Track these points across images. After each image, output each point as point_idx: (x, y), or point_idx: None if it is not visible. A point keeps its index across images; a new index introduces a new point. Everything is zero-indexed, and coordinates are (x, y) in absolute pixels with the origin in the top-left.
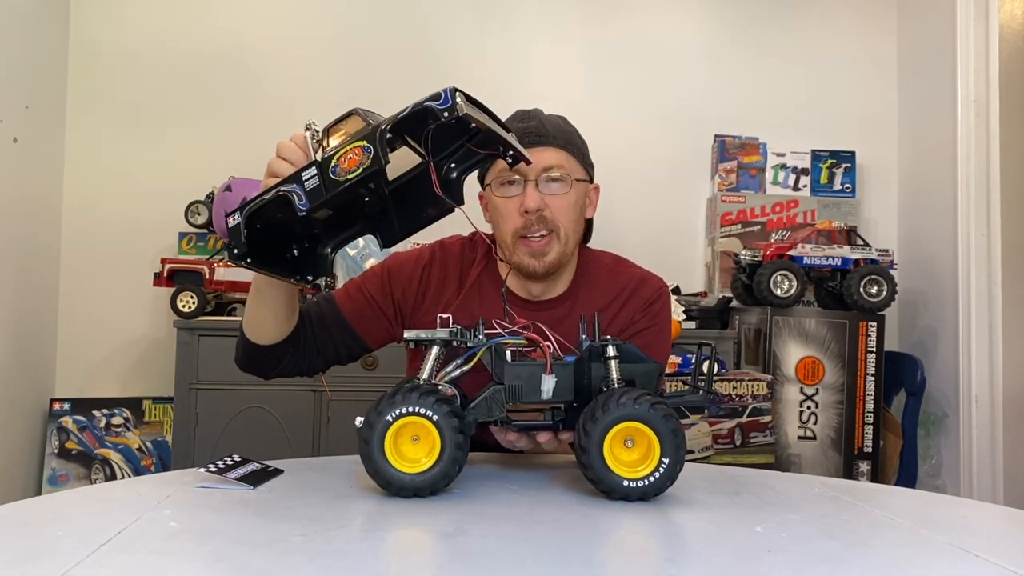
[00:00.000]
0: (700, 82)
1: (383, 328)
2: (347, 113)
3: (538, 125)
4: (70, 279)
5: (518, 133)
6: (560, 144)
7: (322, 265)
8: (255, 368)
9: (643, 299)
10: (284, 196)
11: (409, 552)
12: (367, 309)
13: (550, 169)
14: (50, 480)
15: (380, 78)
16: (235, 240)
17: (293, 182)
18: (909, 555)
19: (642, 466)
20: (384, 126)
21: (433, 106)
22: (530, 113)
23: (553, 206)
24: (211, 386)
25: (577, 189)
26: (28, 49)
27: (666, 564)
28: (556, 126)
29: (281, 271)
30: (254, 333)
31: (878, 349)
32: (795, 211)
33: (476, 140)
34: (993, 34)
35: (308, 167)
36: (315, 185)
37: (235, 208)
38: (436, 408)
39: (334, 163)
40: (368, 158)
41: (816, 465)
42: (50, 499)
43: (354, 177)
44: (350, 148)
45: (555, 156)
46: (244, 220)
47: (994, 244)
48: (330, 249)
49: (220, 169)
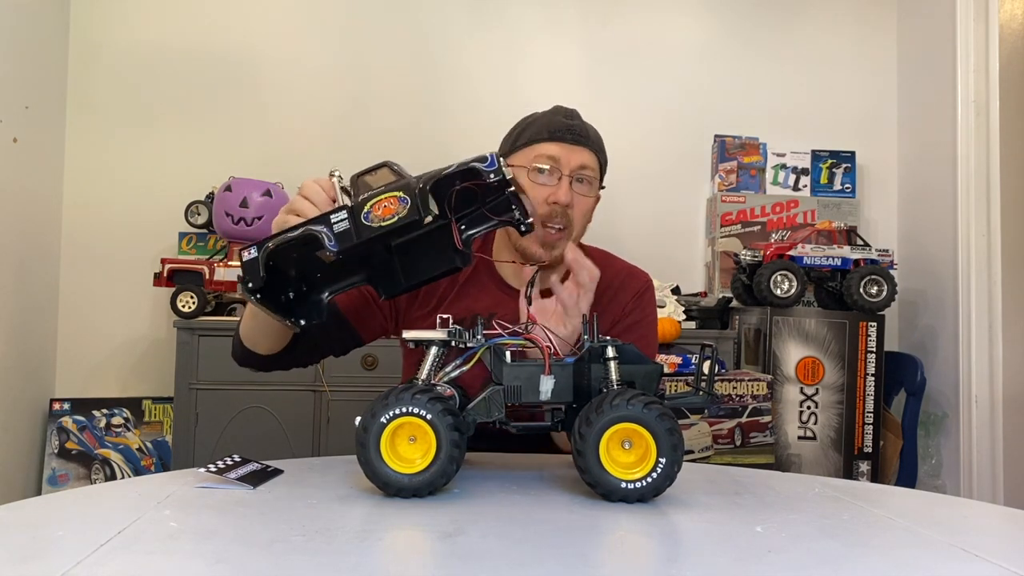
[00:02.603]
0: (700, 82)
1: (378, 323)
2: (379, 164)
3: (581, 125)
4: (70, 279)
5: (562, 128)
6: (595, 149)
7: (316, 310)
8: (252, 367)
9: (633, 291)
10: (311, 235)
11: (409, 552)
12: (363, 304)
13: (584, 168)
14: (50, 480)
15: (380, 78)
16: (250, 273)
17: (320, 223)
18: (909, 555)
19: (639, 467)
20: (425, 183)
21: (480, 167)
22: (572, 112)
23: (576, 205)
24: (211, 386)
25: (595, 195)
26: (28, 49)
27: (666, 564)
28: (594, 132)
29: (278, 311)
30: (251, 345)
31: (878, 349)
32: (795, 211)
33: (490, 205)
34: (993, 34)
35: (338, 210)
36: (345, 228)
37: (251, 243)
38: (430, 407)
39: (367, 209)
40: (405, 208)
41: (816, 465)
42: (50, 499)
43: (388, 225)
44: (386, 197)
45: (590, 158)
46: (264, 255)
47: (994, 244)
48: (326, 295)
49: (220, 169)
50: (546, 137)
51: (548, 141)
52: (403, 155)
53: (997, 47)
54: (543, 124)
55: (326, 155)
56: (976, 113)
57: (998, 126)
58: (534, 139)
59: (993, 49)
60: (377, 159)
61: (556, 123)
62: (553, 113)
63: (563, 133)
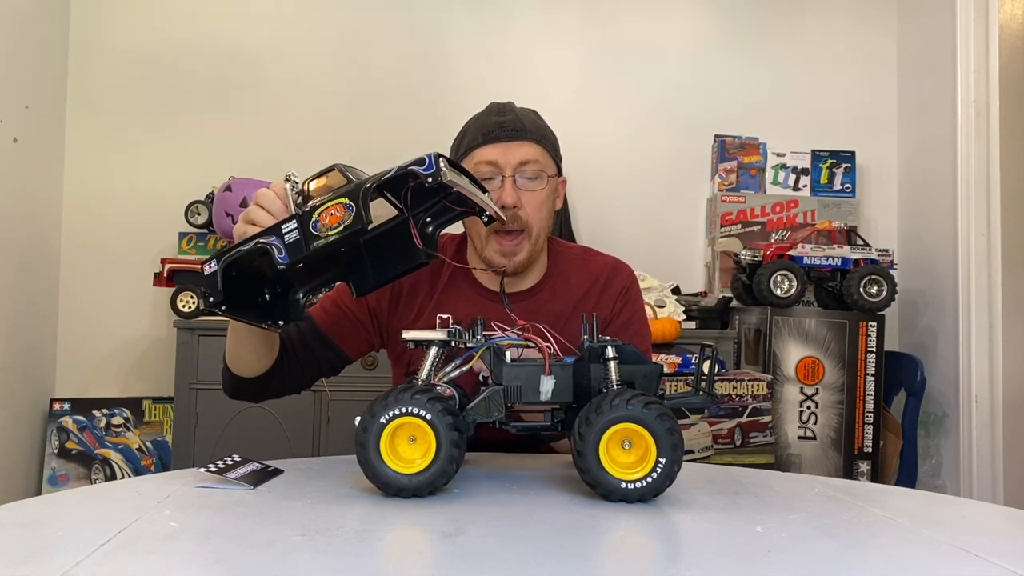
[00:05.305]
0: (700, 82)
1: (361, 338)
2: (328, 168)
3: (514, 119)
4: (70, 279)
5: (494, 126)
6: (535, 138)
7: (293, 309)
8: (244, 396)
9: (619, 287)
10: (262, 247)
11: (408, 552)
12: (344, 321)
13: (526, 164)
14: (50, 480)
15: (379, 78)
16: (210, 288)
17: (272, 234)
18: (909, 555)
19: (639, 467)
20: (369, 185)
21: (417, 170)
22: (505, 107)
23: (527, 203)
24: (211, 386)
25: (550, 184)
26: (28, 49)
27: (666, 564)
28: (531, 120)
29: (253, 316)
30: (237, 368)
31: (878, 349)
32: (795, 211)
33: (452, 197)
34: (993, 34)
35: (288, 220)
36: (295, 239)
37: (210, 257)
38: (430, 407)
39: (315, 218)
40: (350, 216)
41: (816, 465)
42: (50, 499)
43: (335, 235)
44: (332, 204)
45: (530, 151)
46: (221, 269)
47: (994, 244)
48: (302, 294)
49: (220, 169)
50: (481, 141)
51: (483, 145)
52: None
53: (997, 47)
54: (477, 128)
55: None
56: (976, 113)
57: (998, 126)
58: (471, 146)
59: (993, 49)
60: (377, 159)
61: (488, 124)
62: (486, 114)
63: (496, 132)
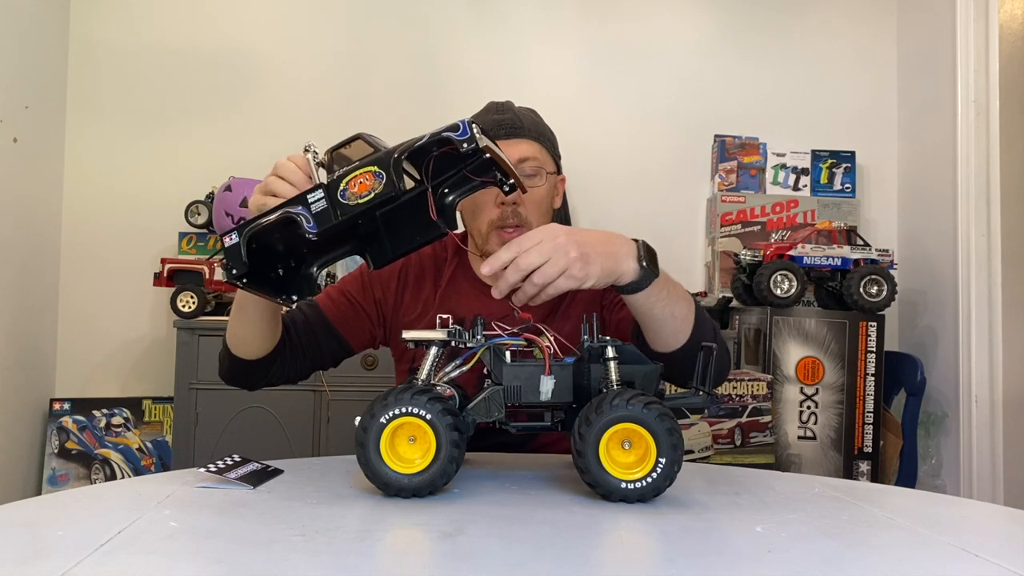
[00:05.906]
0: (700, 82)
1: (366, 330)
2: (352, 137)
3: (512, 117)
4: (70, 279)
5: (492, 125)
6: (533, 136)
7: (307, 284)
8: (241, 381)
9: None
10: (288, 217)
11: (408, 552)
12: (350, 311)
13: (525, 162)
14: (50, 480)
15: (379, 78)
16: (233, 260)
17: (298, 203)
18: (909, 555)
19: (639, 467)
20: (399, 154)
21: (452, 136)
22: (503, 105)
23: (526, 200)
24: (211, 386)
25: (549, 182)
26: (28, 49)
27: (666, 564)
28: (529, 118)
29: (269, 290)
30: (239, 349)
31: (878, 349)
32: (795, 211)
33: (472, 167)
34: (993, 34)
35: (314, 190)
36: (322, 208)
37: (231, 228)
38: (430, 407)
39: (343, 187)
40: (380, 184)
41: (816, 465)
42: (50, 499)
43: (366, 202)
44: (360, 172)
45: (529, 148)
46: (245, 240)
47: (994, 244)
48: (316, 268)
49: (220, 169)
50: None
51: None
52: None
53: (997, 47)
54: None
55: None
56: (976, 113)
57: (998, 126)
58: None
59: (993, 49)
60: None
61: (487, 123)
62: (485, 112)
63: (495, 131)
